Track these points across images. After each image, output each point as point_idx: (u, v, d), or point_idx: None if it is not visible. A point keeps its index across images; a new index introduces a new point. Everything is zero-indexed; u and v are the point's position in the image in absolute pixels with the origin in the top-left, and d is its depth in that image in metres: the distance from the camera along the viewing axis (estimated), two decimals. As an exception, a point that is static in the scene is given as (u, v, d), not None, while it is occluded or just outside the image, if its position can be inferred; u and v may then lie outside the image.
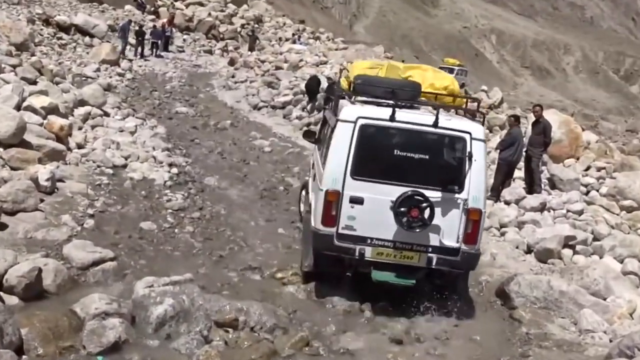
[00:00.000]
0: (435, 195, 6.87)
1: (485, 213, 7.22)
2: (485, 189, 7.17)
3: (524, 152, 12.68)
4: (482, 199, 6.95)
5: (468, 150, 6.91)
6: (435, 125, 6.90)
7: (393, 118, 6.89)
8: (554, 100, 67.87)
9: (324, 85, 19.51)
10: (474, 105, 8.90)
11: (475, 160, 6.89)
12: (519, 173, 13.21)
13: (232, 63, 30.67)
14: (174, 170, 12.19)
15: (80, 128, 13.42)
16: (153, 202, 10.29)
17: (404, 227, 6.83)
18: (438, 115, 6.93)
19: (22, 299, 6.06)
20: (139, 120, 16.01)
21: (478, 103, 9.01)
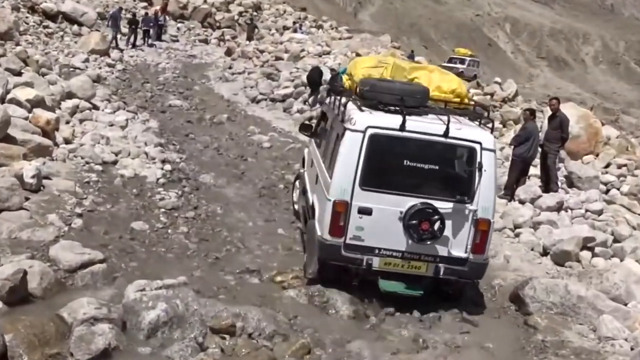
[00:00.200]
0: (445, 206, 7.12)
1: (494, 223, 7.48)
2: (495, 200, 7.41)
3: (540, 148, 12.67)
4: (491, 210, 7.22)
5: (478, 161, 7.15)
6: (446, 135, 7.13)
7: (403, 128, 7.10)
8: (572, 93, 67.85)
9: (327, 77, 19.49)
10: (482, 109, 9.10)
11: (485, 171, 7.13)
12: (535, 170, 13.21)
13: (229, 53, 30.64)
14: (167, 167, 12.20)
15: (68, 122, 13.44)
16: (145, 200, 10.30)
17: (415, 240, 7.11)
18: (449, 125, 7.12)
19: (6, 304, 6.05)
20: (130, 114, 16.01)
21: (488, 111, 9.17)
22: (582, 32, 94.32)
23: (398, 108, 7.37)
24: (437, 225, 7.03)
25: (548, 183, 12.49)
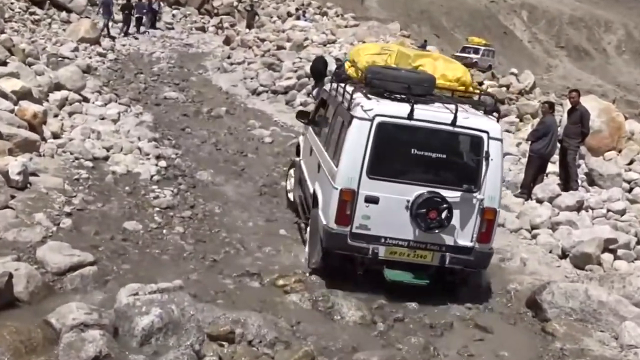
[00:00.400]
0: (452, 195, 7.45)
1: (500, 212, 7.87)
2: (501, 188, 7.79)
3: (559, 143, 12.66)
4: (497, 199, 7.59)
5: (485, 150, 7.47)
6: (454, 124, 7.44)
7: (411, 116, 7.37)
8: (593, 85, 67.65)
9: (332, 68, 19.49)
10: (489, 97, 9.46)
11: (492, 160, 7.46)
12: (553, 167, 13.20)
13: (227, 42, 30.68)
14: (162, 164, 12.22)
15: (56, 115, 13.47)
16: (138, 199, 10.32)
17: (422, 228, 7.44)
18: (456, 114, 7.38)
19: (-10, 308, 6.07)
20: (123, 107, 16.05)
21: (495, 99, 9.56)
22: (603, 19, 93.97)
23: (405, 96, 7.65)
24: (444, 214, 7.35)
25: (567, 181, 12.48)
